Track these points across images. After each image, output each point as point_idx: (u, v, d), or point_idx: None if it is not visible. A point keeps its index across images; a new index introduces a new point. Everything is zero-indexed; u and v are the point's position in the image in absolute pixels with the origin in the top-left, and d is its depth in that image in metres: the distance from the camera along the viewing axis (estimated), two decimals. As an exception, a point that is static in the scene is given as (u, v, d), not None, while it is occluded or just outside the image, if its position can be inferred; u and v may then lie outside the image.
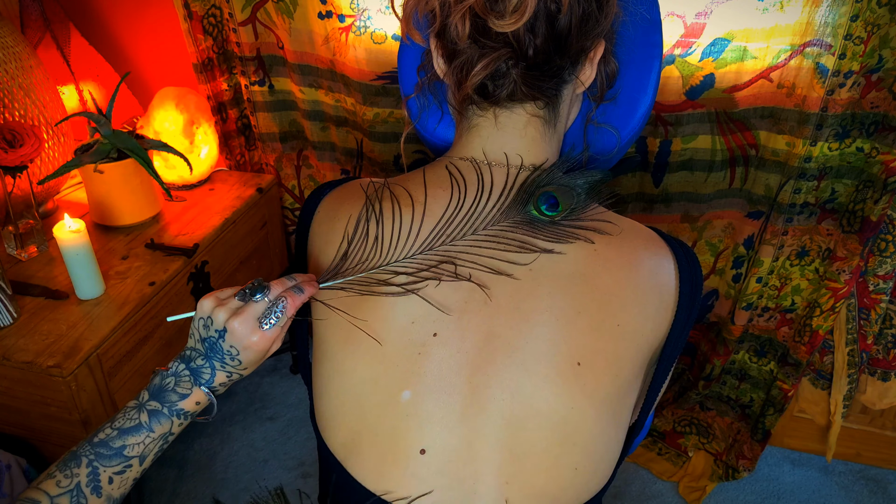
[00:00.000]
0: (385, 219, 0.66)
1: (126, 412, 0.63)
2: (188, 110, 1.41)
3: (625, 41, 0.75)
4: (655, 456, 1.61)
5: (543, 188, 0.64)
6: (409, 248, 0.64)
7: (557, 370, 0.61)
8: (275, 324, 0.61)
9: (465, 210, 0.64)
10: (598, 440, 0.64)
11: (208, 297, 0.63)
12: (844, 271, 1.28)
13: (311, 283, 0.65)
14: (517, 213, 0.64)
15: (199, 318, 0.63)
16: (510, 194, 0.65)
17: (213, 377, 0.63)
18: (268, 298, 0.62)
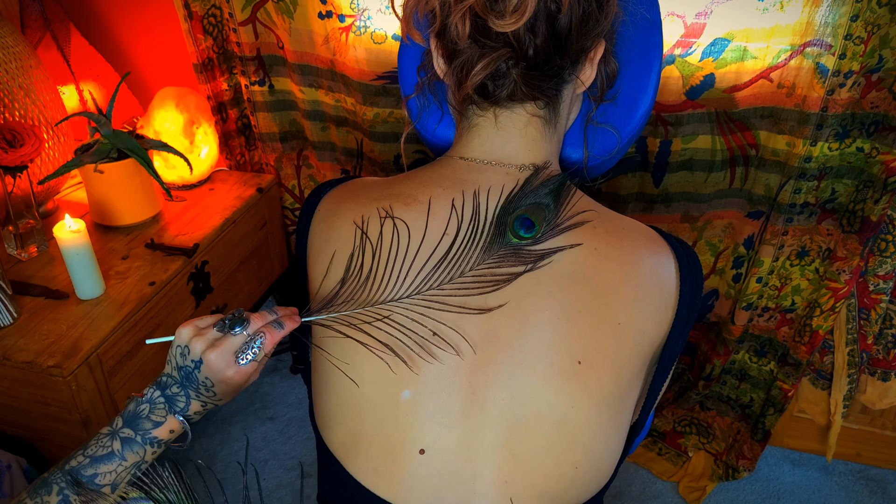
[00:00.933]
0: (380, 248, 0.64)
1: (99, 439, 0.63)
2: (188, 110, 1.41)
3: (625, 41, 0.75)
4: (655, 456, 1.61)
5: (514, 214, 0.63)
6: (399, 287, 0.63)
7: (558, 369, 0.61)
8: (251, 359, 0.61)
9: (458, 245, 0.63)
10: (599, 440, 0.64)
11: (187, 324, 0.62)
12: (844, 271, 1.28)
13: (293, 318, 0.63)
14: (498, 246, 0.63)
15: (177, 346, 0.62)
16: (487, 230, 0.63)
17: (188, 406, 0.63)
18: (246, 332, 0.61)
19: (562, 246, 0.63)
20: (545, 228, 0.63)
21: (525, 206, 0.64)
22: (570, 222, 0.64)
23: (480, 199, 0.64)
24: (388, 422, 0.63)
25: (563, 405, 0.61)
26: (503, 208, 0.63)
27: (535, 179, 0.65)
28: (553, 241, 0.63)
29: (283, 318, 0.63)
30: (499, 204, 0.64)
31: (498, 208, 0.63)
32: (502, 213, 0.63)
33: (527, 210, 0.63)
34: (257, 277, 1.53)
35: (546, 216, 0.63)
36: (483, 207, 0.64)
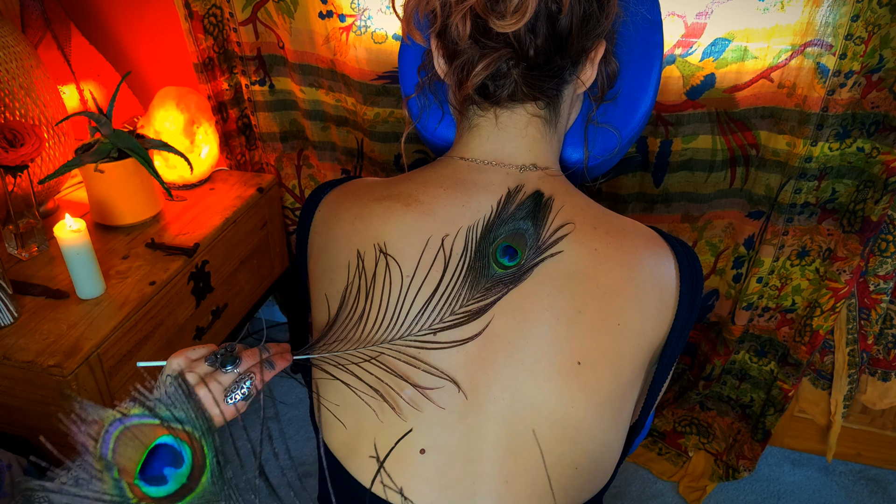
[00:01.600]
0: (374, 285, 0.64)
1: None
2: (189, 110, 1.41)
3: (625, 41, 0.75)
4: (656, 456, 1.61)
5: (494, 244, 0.62)
6: (391, 327, 0.62)
7: (558, 369, 0.61)
8: (239, 399, 0.60)
9: (443, 289, 0.62)
10: (599, 440, 0.64)
11: (179, 355, 0.61)
12: (845, 271, 1.28)
13: (284, 356, 0.63)
14: (485, 280, 0.62)
15: (168, 376, 0.61)
16: (470, 264, 0.62)
17: None
18: (237, 371, 0.60)
19: (545, 256, 0.63)
20: (528, 254, 0.62)
21: (505, 233, 0.62)
22: (552, 239, 0.63)
23: (469, 235, 0.63)
24: (388, 421, 0.63)
25: (563, 405, 0.61)
26: (482, 238, 0.62)
27: (510, 205, 0.63)
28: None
29: (275, 356, 0.62)
30: (477, 236, 0.62)
31: (477, 239, 0.62)
32: (482, 243, 0.62)
33: (507, 238, 0.62)
34: (258, 277, 1.53)
35: (527, 241, 0.62)
36: (471, 244, 0.63)
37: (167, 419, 0.42)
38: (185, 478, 0.42)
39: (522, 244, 0.62)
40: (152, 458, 0.41)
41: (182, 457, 0.42)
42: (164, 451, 0.42)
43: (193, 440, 0.42)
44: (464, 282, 0.61)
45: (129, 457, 0.39)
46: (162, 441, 0.42)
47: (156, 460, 0.41)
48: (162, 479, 0.41)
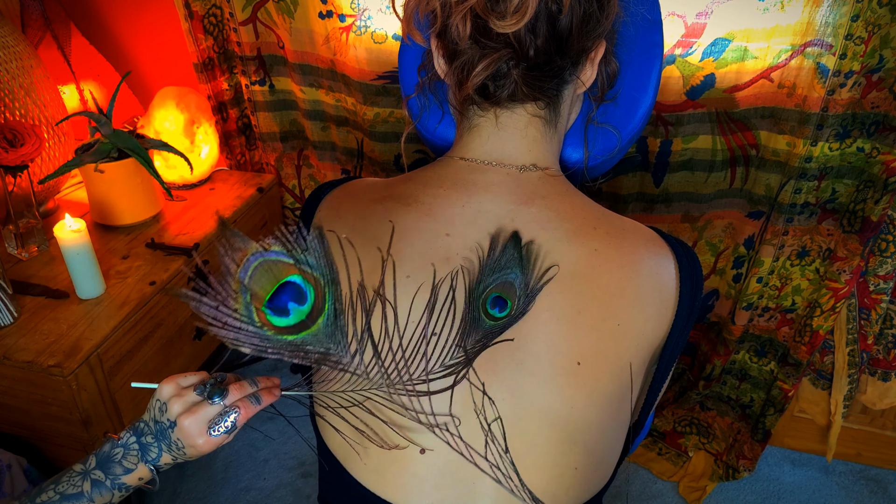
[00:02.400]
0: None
1: (71, 477, 0.63)
2: (189, 110, 1.41)
3: (625, 41, 0.75)
4: (656, 456, 1.61)
5: (483, 295, 0.60)
6: (381, 371, 0.62)
7: (558, 370, 0.61)
8: (222, 433, 0.61)
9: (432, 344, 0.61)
10: (599, 440, 0.64)
11: (170, 381, 0.62)
12: (845, 271, 1.28)
13: (272, 391, 0.63)
14: (475, 333, 0.61)
15: (157, 399, 0.63)
16: (461, 315, 0.61)
17: (160, 457, 0.64)
18: (223, 403, 0.61)
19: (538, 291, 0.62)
20: (518, 303, 0.60)
21: (494, 284, 0.60)
22: (540, 284, 0.61)
23: (456, 284, 0.61)
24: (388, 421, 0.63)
25: (563, 406, 0.61)
26: (470, 293, 0.60)
27: (496, 252, 0.61)
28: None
29: (263, 390, 0.63)
30: (466, 290, 0.60)
31: (466, 294, 0.60)
32: (470, 297, 0.60)
33: (496, 289, 0.60)
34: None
35: (516, 289, 0.60)
36: (460, 293, 0.61)
37: (301, 261, 0.47)
38: (305, 315, 0.47)
39: (512, 293, 0.60)
40: (281, 292, 0.46)
41: (306, 296, 0.47)
42: (291, 287, 0.47)
43: (318, 286, 0.47)
44: (457, 333, 0.60)
45: (262, 286, 0.46)
46: (292, 279, 0.47)
47: (283, 294, 0.47)
48: (285, 311, 0.47)
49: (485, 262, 0.61)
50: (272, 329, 0.48)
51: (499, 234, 0.62)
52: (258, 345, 0.48)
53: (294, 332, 0.48)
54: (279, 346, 0.50)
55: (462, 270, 0.60)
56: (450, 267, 0.63)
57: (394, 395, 0.61)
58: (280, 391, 0.64)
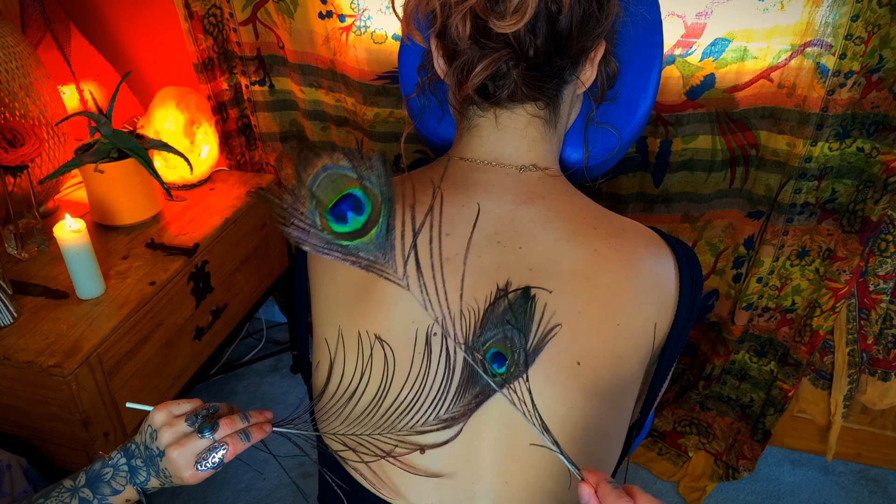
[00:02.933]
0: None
1: (60, 493, 0.64)
2: (188, 110, 1.41)
3: (625, 41, 0.75)
4: (655, 456, 1.61)
5: (483, 350, 0.59)
6: (373, 418, 0.62)
7: (557, 369, 0.61)
8: (208, 468, 0.61)
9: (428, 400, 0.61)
10: (599, 440, 0.64)
11: (163, 409, 0.62)
12: (845, 271, 1.28)
13: (262, 427, 0.64)
14: (473, 387, 0.60)
15: (149, 426, 0.63)
16: (458, 374, 0.60)
17: (148, 481, 0.64)
18: (213, 437, 0.61)
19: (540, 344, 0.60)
20: (518, 360, 0.58)
21: (494, 339, 0.58)
22: (543, 343, 0.60)
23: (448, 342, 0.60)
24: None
25: (562, 406, 0.61)
26: (469, 348, 0.58)
27: (498, 307, 0.59)
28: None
29: (254, 426, 0.64)
30: (465, 343, 0.59)
31: (465, 348, 0.59)
32: (468, 352, 0.58)
33: (495, 345, 0.58)
34: (258, 277, 1.53)
35: (516, 345, 0.59)
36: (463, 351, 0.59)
37: (364, 177, 0.52)
38: (360, 225, 0.52)
39: (512, 347, 0.59)
40: (342, 202, 0.52)
41: (363, 208, 0.52)
42: (352, 199, 0.52)
43: (376, 201, 0.52)
44: (447, 388, 0.60)
45: (327, 195, 0.52)
46: (353, 191, 0.52)
47: (344, 203, 0.52)
48: (343, 218, 0.52)
49: (488, 314, 0.59)
50: (331, 234, 0.53)
51: (508, 285, 0.60)
52: (317, 245, 0.53)
53: (349, 239, 0.53)
54: (335, 248, 0.53)
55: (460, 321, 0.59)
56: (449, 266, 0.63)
57: (381, 440, 0.62)
58: (271, 427, 0.66)
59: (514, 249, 0.63)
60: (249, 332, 2.00)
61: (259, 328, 2.00)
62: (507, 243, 0.63)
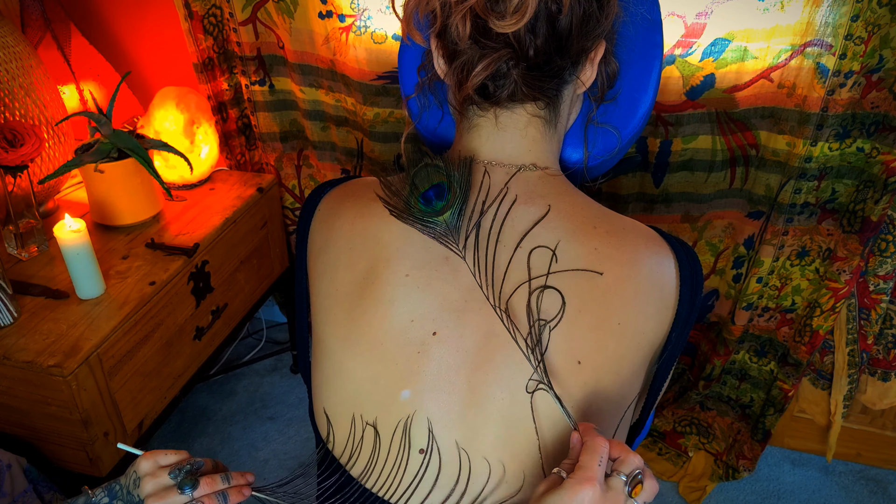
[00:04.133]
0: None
1: None
2: (189, 110, 1.41)
3: (625, 41, 0.75)
4: (656, 456, 1.61)
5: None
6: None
7: (558, 369, 0.61)
8: None
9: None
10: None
11: (150, 458, 0.64)
12: (845, 271, 1.28)
13: (242, 490, 0.65)
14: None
15: (134, 471, 0.64)
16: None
17: None
18: (192, 496, 0.62)
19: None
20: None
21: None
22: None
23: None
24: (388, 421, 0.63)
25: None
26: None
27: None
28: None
29: (233, 488, 0.65)
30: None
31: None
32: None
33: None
34: (258, 277, 1.53)
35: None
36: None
37: (450, 174, 0.65)
38: (440, 208, 0.63)
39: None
40: (431, 189, 0.64)
41: (444, 196, 0.64)
42: (439, 188, 0.65)
43: (454, 193, 0.64)
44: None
45: (422, 182, 0.65)
46: (440, 182, 0.65)
47: (432, 190, 0.64)
48: (429, 201, 0.64)
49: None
50: (419, 211, 0.64)
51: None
52: (408, 217, 0.64)
53: (430, 216, 0.64)
54: (420, 220, 0.64)
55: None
56: (449, 266, 0.63)
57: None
58: (251, 490, 0.66)
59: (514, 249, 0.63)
60: (249, 332, 2.00)
61: (259, 328, 2.00)
62: (508, 243, 0.63)
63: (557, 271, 0.62)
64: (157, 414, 1.24)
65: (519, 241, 0.63)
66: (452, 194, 0.64)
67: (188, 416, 1.74)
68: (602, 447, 0.53)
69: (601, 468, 0.52)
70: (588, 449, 0.53)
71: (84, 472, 1.13)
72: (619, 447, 0.54)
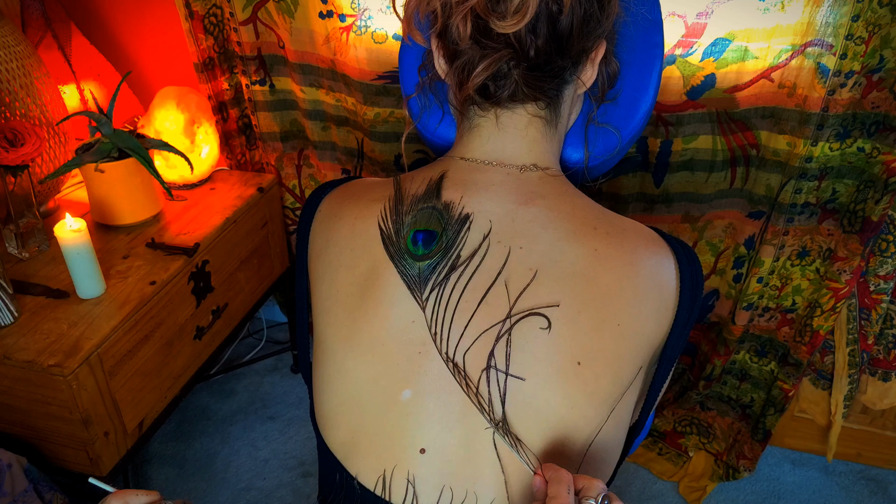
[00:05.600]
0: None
1: None
2: (189, 110, 1.41)
3: (626, 41, 0.75)
4: (656, 456, 1.61)
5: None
6: None
7: (557, 370, 0.61)
8: None
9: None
10: (599, 440, 0.64)
11: (120, 498, 0.62)
12: (845, 271, 1.28)
13: None
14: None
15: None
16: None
17: None
18: None
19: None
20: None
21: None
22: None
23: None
24: (388, 421, 0.63)
25: (562, 406, 0.61)
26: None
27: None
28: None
29: None
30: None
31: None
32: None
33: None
34: (258, 277, 1.53)
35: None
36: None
37: (445, 225, 0.65)
38: (421, 254, 0.64)
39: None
40: (422, 232, 0.65)
41: (432, 244, 0.64)
42: (428, 234, 0.64)
43: (439, 248, 0.64)
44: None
45: (418, 224, 0.65)
46: (433, 230, 0.65)
47: (421, 235, 0.65)
48: (416, 243, 0.64)
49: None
50: (406, 248, 0.64)
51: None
52: (390, 247, 0.65)
53: (412, 258, 0.64)
54: (400, 255, 0.64)
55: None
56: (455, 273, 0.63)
57: None
58: None
59: (514, 249, 0.63)
60: (250, 332, 2.00)
61: (259, 328, 2.00)
62: (508, 243, 0.63)
63: (517, 314, 0.61)
64: (157, 413, 1.24)
65: (483, 295, 0.62)
66: (437, 247, 0.64)
67: (188, 415, 1.74)
68: (567, 477, 0.54)
69: (571, 495, 0.53)
70: (554, 480, 0.54)
71: (84, 472, 1.13)
72: (581, 478, 0.54)
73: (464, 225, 0.64)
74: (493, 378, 0.61)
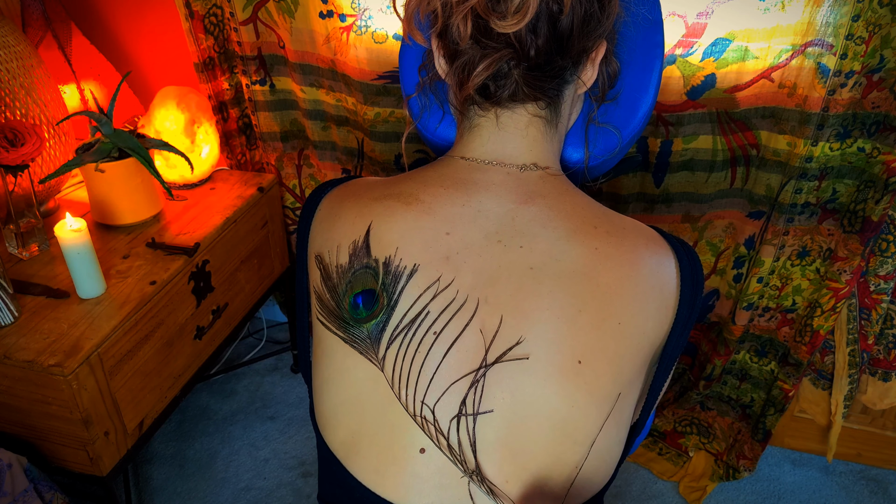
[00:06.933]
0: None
1: None
2: (189, 109, 1.41)
3: (626, 41, 0.75)
4: (656, 456, 1.61)
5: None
6: None
7: (558, 369, 0.61)
8: None
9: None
10: (599, 439, 0.64)
11: None
12: (845, 271, 1.28)
13: None
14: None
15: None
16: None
17: None
18: None
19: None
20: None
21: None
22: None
23: None
24: (388, 421, 0.63)
25: (563, 405, 0.61)
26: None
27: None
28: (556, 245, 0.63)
29: None
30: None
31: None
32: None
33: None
34: (258, 277, 1.53)
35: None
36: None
37: (384, 284, 0.63)
38: (364, 316, 0.64)
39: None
40: (362, 294, 0.64)
41: (373, 305, 0.63)
42: (368, 294, 0.64)
43: (381, 307, 0.63)
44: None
45: (354, 286, 0.64)
46: (370, 289, 0.64)
47: (360, 297, 0.64)
48: (356, 307, 0.64)
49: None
50: (346, 314, 0.64)
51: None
52: (334, 320, 0.65)
53: (355, 322, 0.64)
54: (345, 323, 0.64)
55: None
56: (449, 265, 0.63)
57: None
58: None
59: (514, 248, 0.63)
60: (250, 332, 2.00)
61: (259, 328, 2.00)
62: (508, 242, 0.63)
63: (490, 364, 0.61)
64: (157, 413, 1.24)
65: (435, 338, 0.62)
66: (379, 305, 0.63)
67: (189, 415, 1.74)
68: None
69: None
70: None
71: (84, 472, 1.13)
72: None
73: (402, 278, 0.63)
74: (462, 426, 0.61)
